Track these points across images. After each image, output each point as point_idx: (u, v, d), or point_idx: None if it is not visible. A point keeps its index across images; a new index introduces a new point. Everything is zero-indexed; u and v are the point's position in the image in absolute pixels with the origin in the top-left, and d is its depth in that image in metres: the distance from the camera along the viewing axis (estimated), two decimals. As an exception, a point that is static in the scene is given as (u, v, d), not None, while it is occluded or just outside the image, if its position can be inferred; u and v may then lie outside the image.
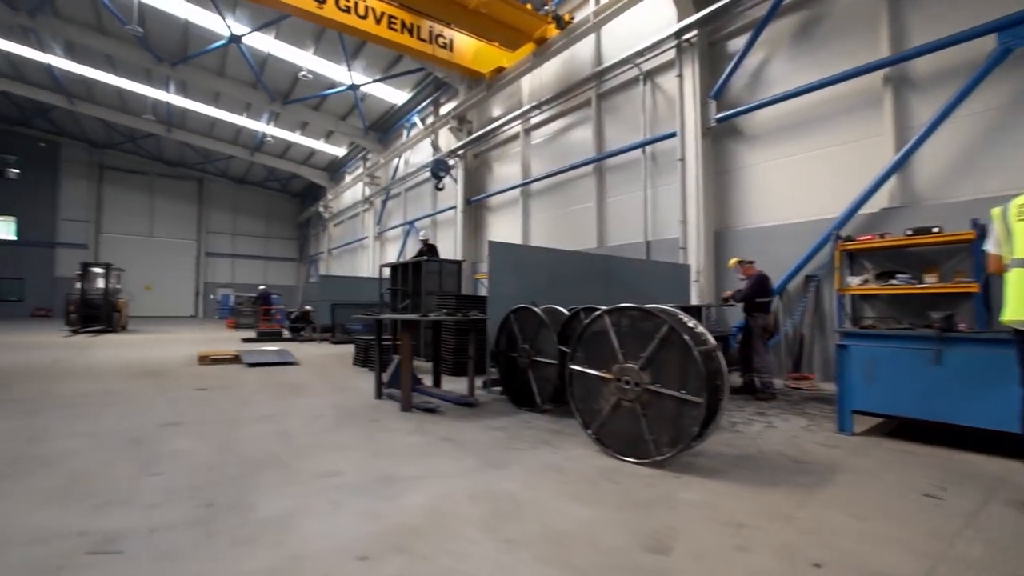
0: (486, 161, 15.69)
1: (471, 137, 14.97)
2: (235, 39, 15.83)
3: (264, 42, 16.51)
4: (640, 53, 10.08)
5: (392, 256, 21.48)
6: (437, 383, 6.12)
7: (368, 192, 23.14)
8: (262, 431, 4.08)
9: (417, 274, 9.93)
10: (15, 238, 27.30)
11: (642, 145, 10.39)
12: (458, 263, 10.04)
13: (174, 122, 23.90)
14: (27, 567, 1.94)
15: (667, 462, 3.33)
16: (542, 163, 13.36)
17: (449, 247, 16.71)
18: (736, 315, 7.96)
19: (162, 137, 25.96)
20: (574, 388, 3.88)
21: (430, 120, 18.58)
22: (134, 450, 3.49)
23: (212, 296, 32.32)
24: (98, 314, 16.06)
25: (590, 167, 11.71)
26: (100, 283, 17.13)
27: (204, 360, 8.21)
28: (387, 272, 10.73)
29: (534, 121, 13.54)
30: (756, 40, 8.36)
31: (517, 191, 14.06)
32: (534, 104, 12.67)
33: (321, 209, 28.65)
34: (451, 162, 16.28)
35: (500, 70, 13.36)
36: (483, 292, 14.73)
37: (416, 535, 2.28)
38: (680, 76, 9.37)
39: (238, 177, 32.48)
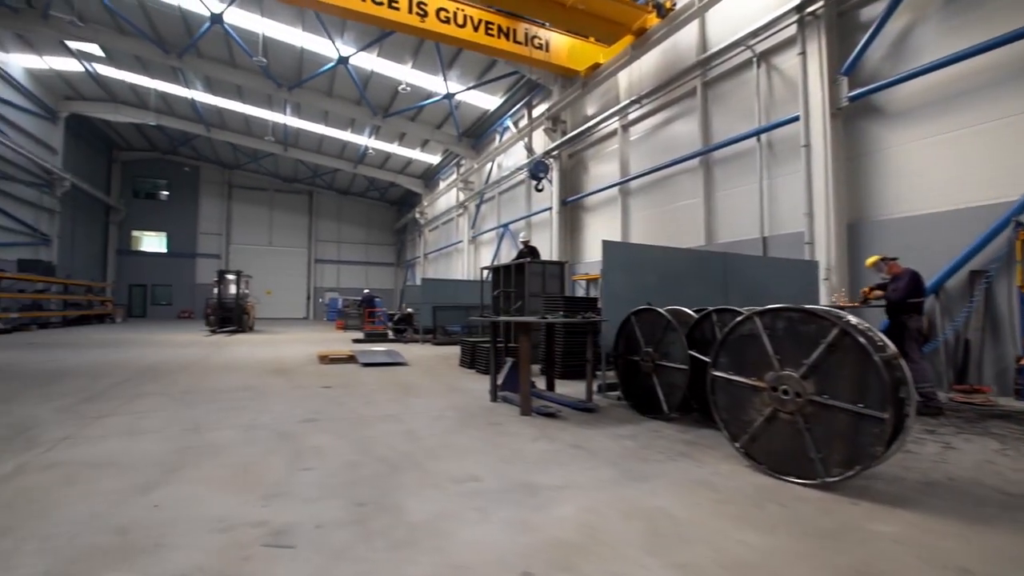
0: (581, 160, 15.43)
1: (566, 137, 14.79)
2: (343, 60, 16.95)
3: (368, 61, 17.54)
4: (754, 33, 9.31)
5: (486, 259, 21.87)
6: (550, 387, 5.99)
7: (462, 197, 23.78)
8: (390, 430, 4.17)
9: (520, 276, 9.93)
10: (166, 251, 31.45)
11: (756, 133, 9.59)
12: (561, 264, 9.89)
13: (289, 141, 26.23)
14: (218, 553, 2.04)
15: (838, 485, 2.90)
16: (641, 159, 12.85)
17: (544, 249, 16.60)
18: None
19: (279, 156, 28.61)
20: (717, 397, 3.54)
21: (523, 123, 18.67)
22: (282, 444, 3.70)
23: (321, 300, 35.02)
24: (231, 316, 17.71)
25: (695, 161, 11.04)
26: (232, 288, 18.79)
27: (324, 359, 8.76)
28: (485, 275, 10.91)
29: (632, 116, 13.07)
30: (898, 3, 7.35)
31: (615, 190, 13.65)
32: (633, 99, 12.21)
33: (417, 215, 29.95)
34: (548, 162, 16.20)
35: (596, 67, 13.08)
36: (579, 293, 14.50)
37: (576, 552, 2.13)
38: (803, 54, 8.51)
39: (342, 189, 34.96)
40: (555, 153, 15.68)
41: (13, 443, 3.58)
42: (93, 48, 18.68)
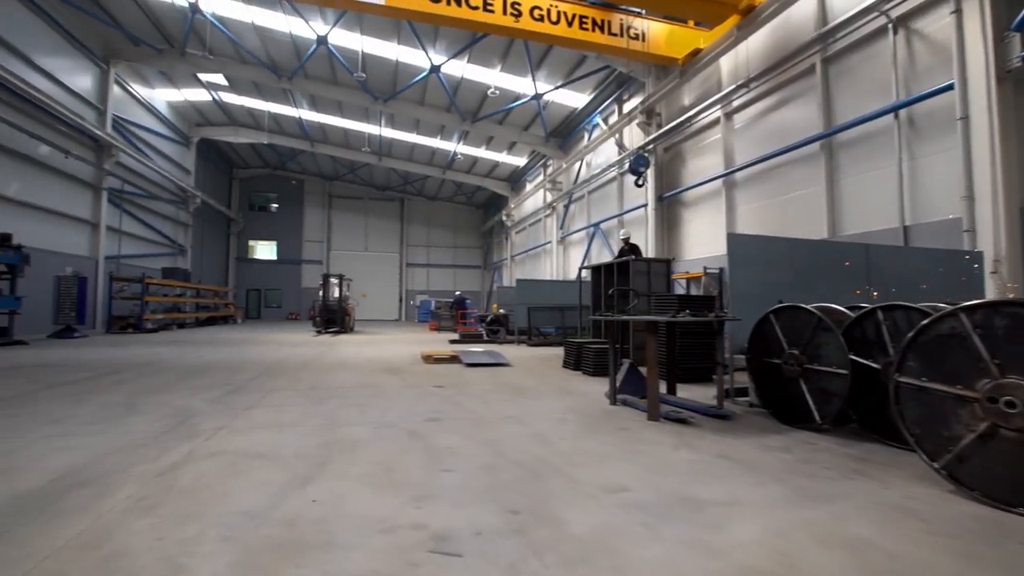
0: (679, 154, 14.67)
1: (662, 130, 14.13)
2: (435, 69, 17.48)
3: (458, 67, 17.95)
4: (889, -4, 8.25)
5: (575, 260, 21.56)
6: (672, 390, 5.59)
7: (549, 198, 23.66)
8: (516, 432, 4.04)
9: (623, 275, 9.56)
10: (275, 258, 34.41)
11: (894, 110, 8.49)
12: (667, 262, 9.39)
13: (383, 151, 27.61)
14: (386, 556, 1.98)
15: (1093, 523, 2.31)
16: (748, 148, 11.93)
17: (639, 246, 16.01)
18: None
19: (374, 166, 30.24)
20: (905, 407, 3.02)
21: (613, 119, 18.18)
22: (413, 443, 3.69)
23: (412, 302, 36.52)
24: (335, 317, 18.54)
25: (815, 145, 10.02)
26: (336, 291, 19.53)
27: (428, 359, 8.94)
28: (584, 275, 10.62)
29: (737, 103, 12.18)
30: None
31: (718, 182, 12.80)
32: (740, 83, 11.35)
33: (504, 218, 30.29)
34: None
35: (696, 53, 12.34)
36: (678, 291, 13.74)
37: (780, 586, 1.82)
38: (958, 11, 7.38)
39: (431, 195, 36.26)
40: (650, 147, 15.05)
41: (179, 430, 3.88)
42: (219, 78, 20.83)
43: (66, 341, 12.99)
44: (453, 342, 13.79)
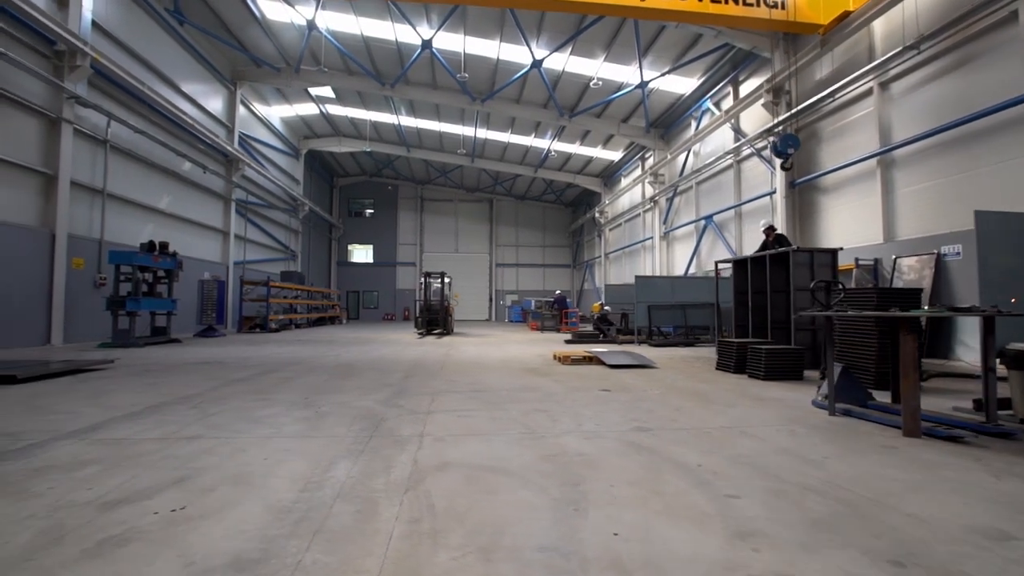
0: (814, 134, 13.18)
1: (797, 108, 12.72)
2: (536, 64, 17.13)
3: (559, 61, 17.49)
4: None
5: (681, 256, 20.35)
6: (896, 399, 4.69)
7: (651, 191, 22.56)
8: (755, 448, 3.42)
9: (778, 268, 8.58)
10: (372, 261, 35.94)
11: None
12: (833, 252, 8.27)
13: (476, 153, 27.81)
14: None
15: None
16: (913, 121, 10.36)
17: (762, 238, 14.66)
18: None
19: (465, 168, 30.64)
20: None
21: (727, 103, 16.86)
22: (650, 458, 3.19)
23: (501, 302, 36.66)
24: (437, 318, 17.85)
25: (1020, 107, 8.39)
26: (436, 290, 18.90)
27: (564, 360, 8.50)
28: (721, 269, 9.68)
29: (897, 70, 10.63)
30: None
31: (871, 162, 11.29)
32: (908, 44, 9.84)
33: (596, 215, 29.46)
34: (768, 141, 14.30)
35: (843, 17, 10.95)
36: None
37: None
38: None
39: (520, 194, 36.19)
40: (778, 129, 13.68)
41: (381, 437, 3.66)
42: (327, 91, 21.90)
43: (209, 340, 14.06)
44: (568, 342, 13.31)
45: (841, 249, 8.86)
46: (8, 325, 10.38)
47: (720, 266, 10.96)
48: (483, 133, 24.97)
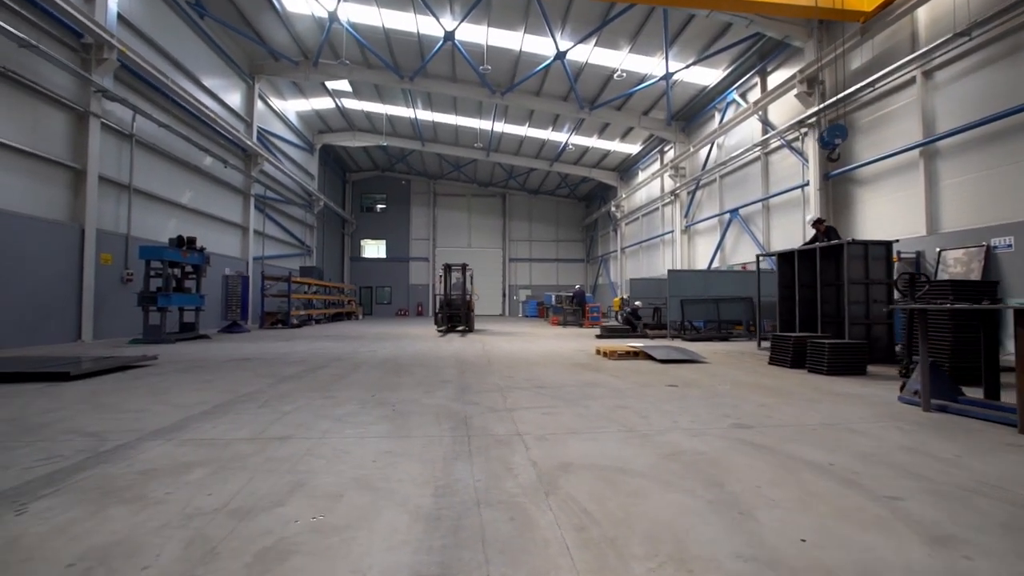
0: (850, 124, 12.91)
1: (836, 97, 12.45)
2: (560, 56, 16.90)
3: (583, 53, 17.26)
4: None
5: (703, 250, 20.15)
6: (991, 394, 4.51)
7: (671, 185, 22.32)
8: (876, 446, 3.26)
9: (828, 261, 8.39)
10: (384, 256, 35.83)
11: None
12: (887, 245, 8.08)
13: (492, 147, 27.59)
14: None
15: None
16: (959, 111, 10.12)
17: (796, 232, 14.47)
18: None
19: (479, 162, 30.43)
20: None
21: (753, 95, 16.60)
22: (774, 456, 3.03)
23: (514, 297, 36.53)
24: (459, 314, 16.45)
25: (1076, 97, 8.15)
26: (458, 284, 17.40)
27: (610, 355, 8.35)
28: (764, 263, 9.48)
29: (942, 59, 10.37)
30: None
31: (913, 153, 11.05)
32: (959, 31, 9.58)
33: (612, 209, 29.23)
34: (800, 132, 14.08)
35: (886, 4, 10.68)
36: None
37: None
38: None
39: (533, 188, 35.95)
40: (812, 120, 13.44)
41: (479, 437, 3.53)
42: (344, 84, 21.71)
43: (236, 335, 13.97)
44: (599, 337, 13.16)
45: (897, 241, 8.65)
46: (41, 322, 10.31)
47: (748, 261, 10.76)
48: (500, 127, 24.75)
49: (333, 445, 3.25)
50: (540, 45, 16.97)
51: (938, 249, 10.33)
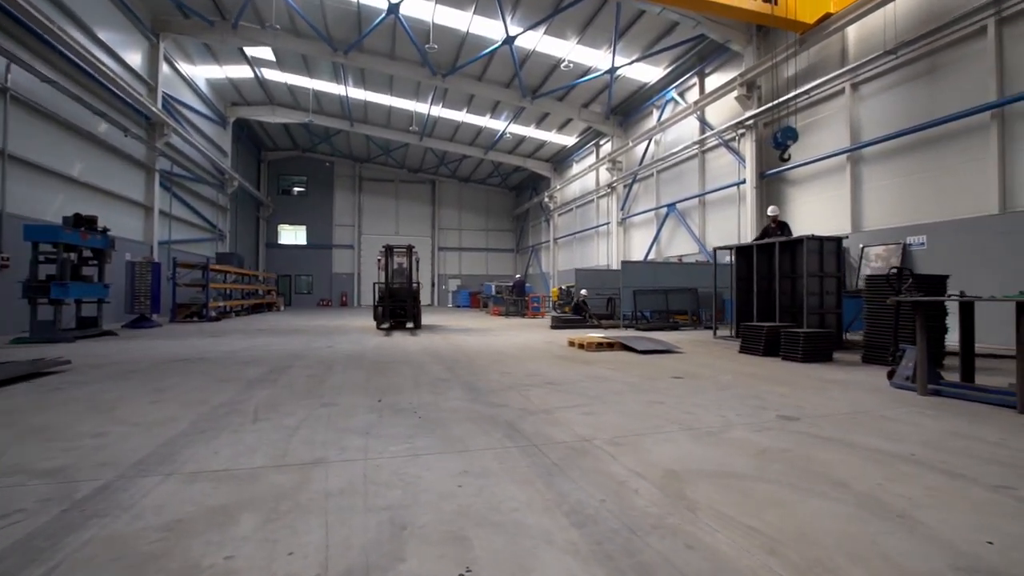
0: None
1: (773, 103, 13.27)
2: (509, 40, 16.52)
3: (531, 40, 17.01)
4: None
5: (639, 242, 20.88)
6: (966, 377, 4.96)
7: (606, 178, 22.85)
8: (924, 434, 3.37)
9: (785, 255, 8.91)
10: (305, 243, 33.46)
11: (1103, 72, 7.77)
12: (838, 240, 8.73)
13: (426, 131, 26.57)
14: None
15: None
16: (883, 121, 11.19)
17: (733, 228, 15.38)
18: None
19: (409, 147, 29.24)
20: None
21: (691, 95, 17.34)
22: (853, 449, 3.03)
23: (443, 287, 35.80)
24: (404, 307, 13.33)
25: (985, 115, 9.29)
26: (401, 271, 14.41)
27: (588, 346, 8.30)
28: (721, 256, 9.93)
29: (870, 73, 11.39)
30: None
31: (840, 158, 12.09)
32: (887, 49, 10.55)
33: (546, 199, 29.44)
34: (737, 133, 14.89)
35: (825, 18, 11.52)
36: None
37: None
38: None
39: (465, 176, 35.28)
40: (749, 123, 14.27)
41: (550, 447, 3.20)
42: (266, 52, 19.71)
43: (146, 331, 12.22)
44: (554, 327, 13.14)
45: (847, 237, 9.42)
46: None
47: (683, 254, 11.26)
48: (437, 110, 23.86)
49: (391, 468, 2.76)
50: (489, 28, 16.47)
51: (861, 245, 11.42)
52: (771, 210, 9.81)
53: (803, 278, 8.32)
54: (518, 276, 22.56)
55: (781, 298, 8.91)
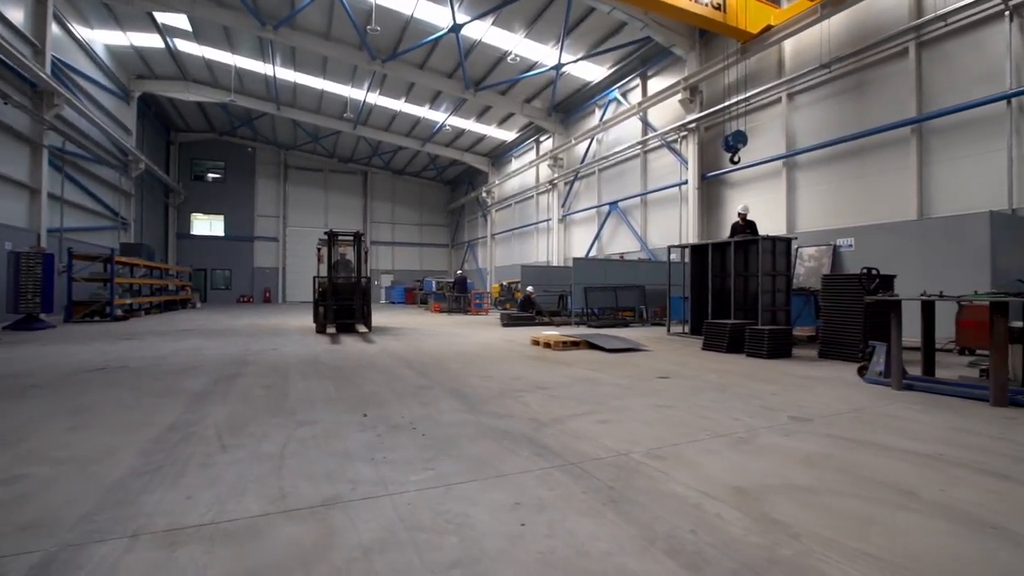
0: (723, 132, 14.44)
1: (721, 106, 13.80)
2: (456, 28, 15.97)
3: (478, 30, 16.56)
4: (1016, -16, 8.40)
5: (580, 240, 21.12)
6: (927, 371, 5.29)
7: (547, 175, 22.90)
8: (928, 431, 3.45)
9: (740, 254, 9.23)
10: (223, 234, 30.72)
11: (1008, 97, 8.72)
12: (788, 241, 9.16)
13: (361, 119, 25.22)
14: None
15: None
16: (815, 130, 11.99)
17: (672, 227, 15.91)
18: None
19: (341, 134, 27.67)
20: None
21: (634, 96, 17.72)
22: (889, 452, 3.01)
23: (375, 282, 34.36)
24: (352, 306, 11.11)
25: (906, 129, 10.18)
26: (345, 264, 12.13)
27: (555, 346, 8.10)
28: (677, 254, 10.15)
29: (804, 85, 12.14)
30: None
31: (777, 163, 12.82)
32: (822, 63, 11.26)
33: (483, 194, 29.07)
34: (680, 135, 15.37)
35: (766, 29, 12.11)
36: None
37: None
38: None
39: (399, 168, 34.02)
40: (692, 126, 14.80)
41: (602, 467, 2.90)
42: (180, 20, 17.68)
43: (37, 334, 10.43)
44: (507, 325, 12.86)
45: (796, 238, 9.93)
46: None
47: (625, 251, 11.50)
48: (374, 98, 22.69)
49: (428, 506, 2.32)
50: (435, 13, 15.81)
51: (796, 247, 12.17)
52: (742, 208, 10.12)
53: (757, 276, 8.63)
54: (459, 272, 22.03)
55: (735, 295, 9.23)
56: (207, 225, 30.55)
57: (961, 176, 9.40)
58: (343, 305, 11.26)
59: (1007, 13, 8.71)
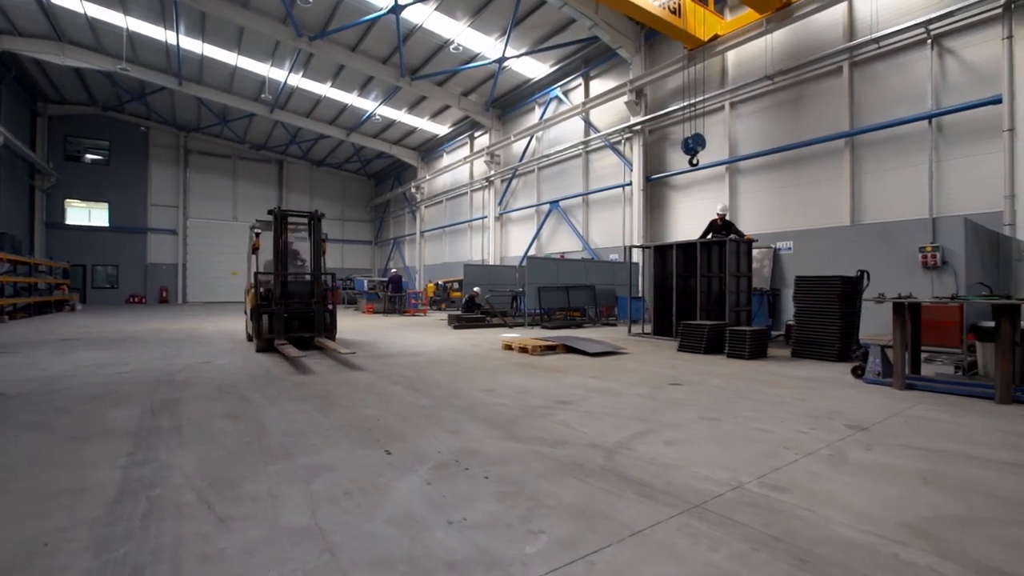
0: (666, 136, 14.90)
1: (660, 112, 14.10)
2: (397, 9, 14.95)
3: (419, 13, 15.65)
4: (938, 19, 9.25)
5: (519, 238, 20.84)
6: (915, 369, 5.51)
7: (482, 172, 22.35)
8: (962, 432, 3.45)
9: (707, 255, 9.35)
10: (107, 225, 26.67)
11: (928, 117, 9.63)
12: (749, 243, 9.41)
13: (280, 102, 23.00)
14: None
15: None
16: (756, 138, 12.60)
17: (615, 227, 16.09)
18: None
19: (256, 118, 25.16)
20: None
21: (575, 95, 17.72)
22: (952, 460, 2.89)
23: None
24: (309, 313, 8.22)
25: (840, 142, 10.95)
26: (304, 254, 9.42)
27: (533, 350, 7.63)
28: (641, 253, 10.11)
29: (746, 95, 12.71)
30: None
31: (721, 168, 13.32)
32: (765, 75, 11.82)
33: (412, 189, 27.86)
34: (624, 137, 15.55)
35: (714, 38, 12.51)
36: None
37: None
38: (1009, 38, 8.57)
39: (318, 159, 31.65)
40: (637, 128, 15.02)
41: (679, 497, 2.47)
42: (57, -33, 14.84)
43: None
44: (458, 327, 12.17)
45: (756, 240, 10.27)
46: None
47: (566, 251, 11.46)
48: (296, 79, 20.71)
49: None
50: (374, -9, 14.65)
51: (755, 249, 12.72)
52: (720, 207, 10.22)
53: (723, 277, 8.78)
54: (394, 270, 20.76)
55: (700, 296, 9.34)
56: (86, 214, 26.31)
57: (889, 186, 10.26)
58: (298, 312, 8.22)
59: (929, 41, 9.60)
